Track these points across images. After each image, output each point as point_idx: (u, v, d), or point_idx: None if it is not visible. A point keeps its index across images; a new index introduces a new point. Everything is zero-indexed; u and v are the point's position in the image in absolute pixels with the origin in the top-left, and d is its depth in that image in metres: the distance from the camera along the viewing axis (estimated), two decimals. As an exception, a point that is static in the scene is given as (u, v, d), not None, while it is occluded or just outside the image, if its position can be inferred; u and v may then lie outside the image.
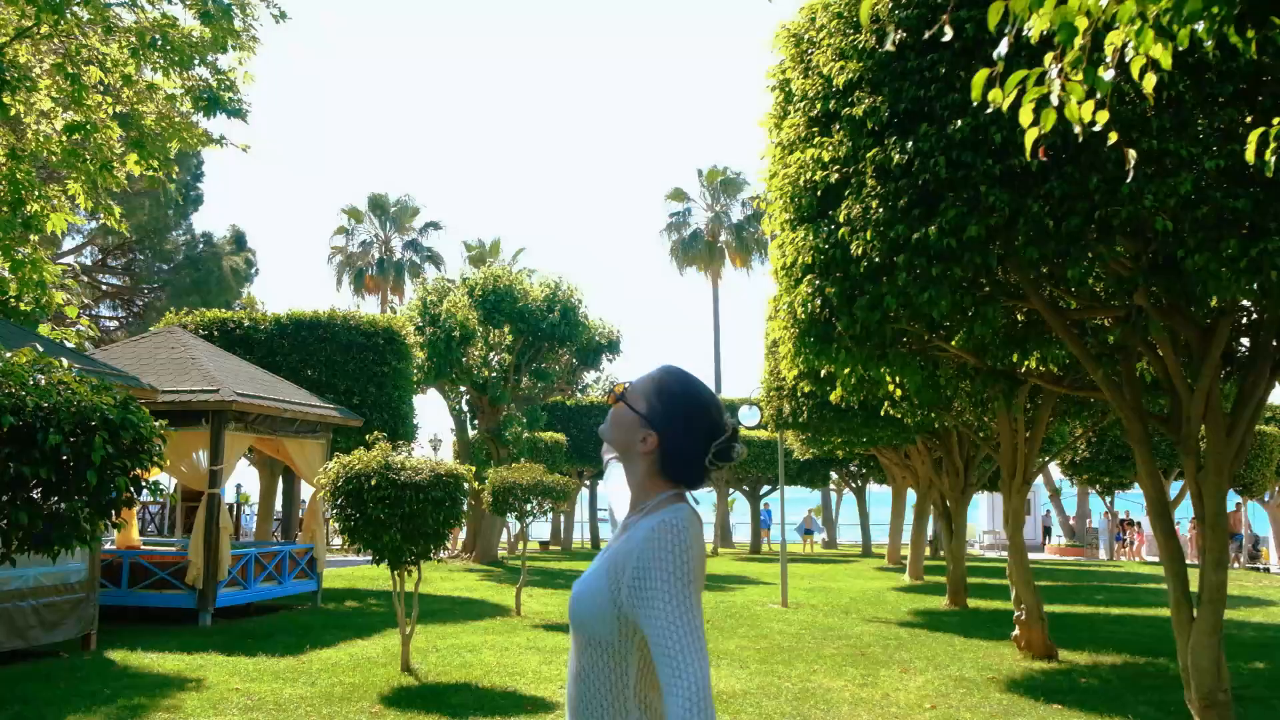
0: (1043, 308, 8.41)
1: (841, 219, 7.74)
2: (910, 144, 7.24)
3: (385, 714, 8.32)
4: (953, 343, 9.66)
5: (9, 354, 4.62)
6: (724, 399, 39.88)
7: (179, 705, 8.46)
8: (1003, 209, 6.90)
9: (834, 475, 36.95)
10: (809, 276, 8.25)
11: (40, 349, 4.80)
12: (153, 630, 12.68)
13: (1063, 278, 8.20)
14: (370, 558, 10.26)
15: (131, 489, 4.78)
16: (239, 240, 39.26)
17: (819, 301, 8.20)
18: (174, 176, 11.06)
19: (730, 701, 8.98)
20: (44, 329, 14.56)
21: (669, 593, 2.01)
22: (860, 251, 7.56)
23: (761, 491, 37.01)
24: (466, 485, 10.47)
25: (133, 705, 8.42)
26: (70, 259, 32.48)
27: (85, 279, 32.74)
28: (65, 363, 4.72)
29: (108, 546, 15.31)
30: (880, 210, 7.42)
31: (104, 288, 35.96)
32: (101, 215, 10.80)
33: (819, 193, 8.10)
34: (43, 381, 4.50)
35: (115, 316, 36.44)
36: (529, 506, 17.04)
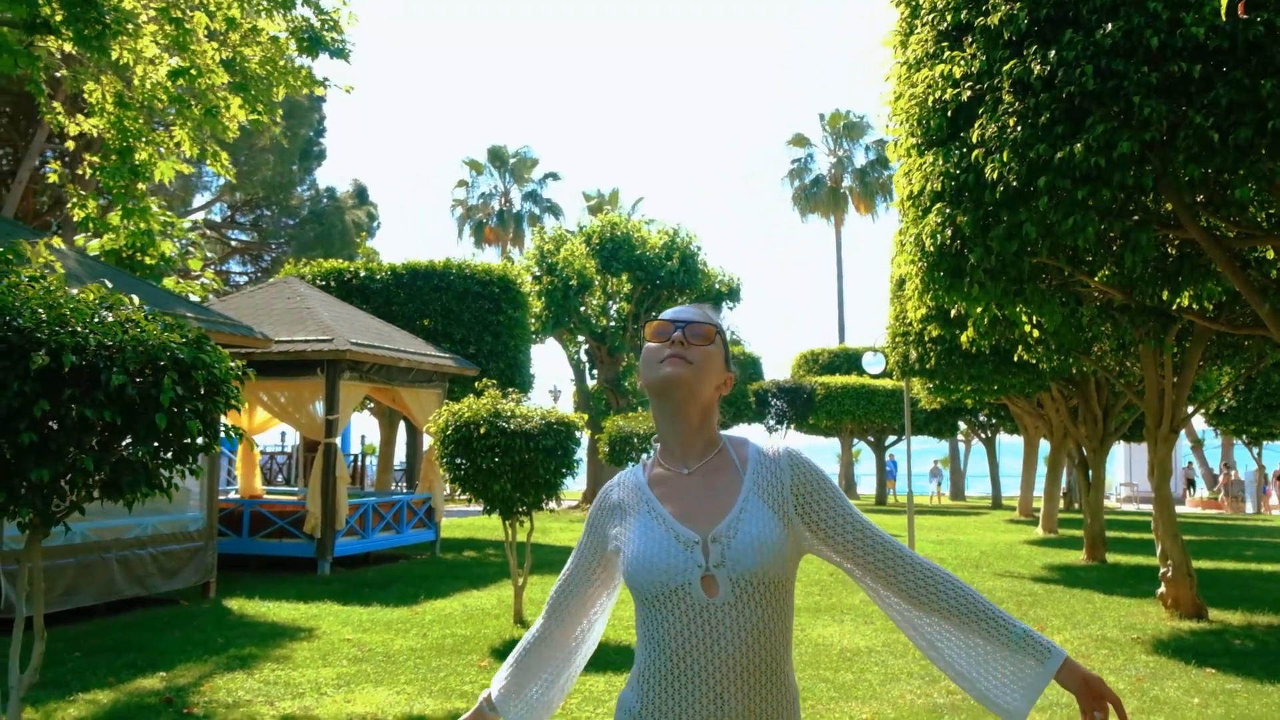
0: (1201, 236, 7.61)
1: (975, 140, 7.06)
2: (1052, 53, 6.53)
3: (494, 667, 8.07)
4: (1097, 277, 8.89)
5: (76, 290, 4.37)
6: (848, 347, 39.14)
7: (289, 656, 8.35)
8: (1160, 122, 6.18)
9: (962, 425, 35.87)
10: (939, 205, 7.60)
11: (109, 285, 4.54)
12: (272, 579, 12.75)
13: (1224, 202, 7.39)
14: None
15: (207, 434, 4.50)
16: (361, 194, 39.68)
17: (949, 232, 7.55)
18: (279, 121, 10.85)
19: (855, 659, 8.51)
20: (169, 282, 14.69)
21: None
22: (996, 175, 6.89)
23: (887, 442, 36.16)
24: (579, 434, 10.14)
25: (243, 655, 8.34)
26: (200, 215, 33.15)
27: (212, 234, 33.43)
28: (136, 300, 4.45)
29: (231, 495, 15.53)
30: (1018, 129, 6.74)
31: (233, 244, 36.75)
32: (209, 163, 10.65)
33: (949, 113, 7.41)
34: (109, 319, 4.23)
35: (244, 272, 37.26)
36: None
